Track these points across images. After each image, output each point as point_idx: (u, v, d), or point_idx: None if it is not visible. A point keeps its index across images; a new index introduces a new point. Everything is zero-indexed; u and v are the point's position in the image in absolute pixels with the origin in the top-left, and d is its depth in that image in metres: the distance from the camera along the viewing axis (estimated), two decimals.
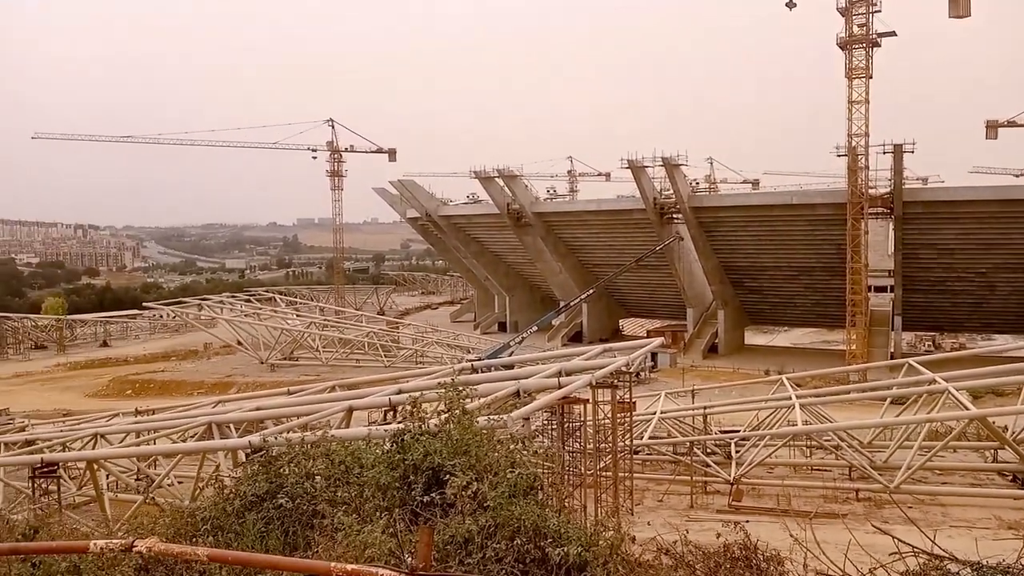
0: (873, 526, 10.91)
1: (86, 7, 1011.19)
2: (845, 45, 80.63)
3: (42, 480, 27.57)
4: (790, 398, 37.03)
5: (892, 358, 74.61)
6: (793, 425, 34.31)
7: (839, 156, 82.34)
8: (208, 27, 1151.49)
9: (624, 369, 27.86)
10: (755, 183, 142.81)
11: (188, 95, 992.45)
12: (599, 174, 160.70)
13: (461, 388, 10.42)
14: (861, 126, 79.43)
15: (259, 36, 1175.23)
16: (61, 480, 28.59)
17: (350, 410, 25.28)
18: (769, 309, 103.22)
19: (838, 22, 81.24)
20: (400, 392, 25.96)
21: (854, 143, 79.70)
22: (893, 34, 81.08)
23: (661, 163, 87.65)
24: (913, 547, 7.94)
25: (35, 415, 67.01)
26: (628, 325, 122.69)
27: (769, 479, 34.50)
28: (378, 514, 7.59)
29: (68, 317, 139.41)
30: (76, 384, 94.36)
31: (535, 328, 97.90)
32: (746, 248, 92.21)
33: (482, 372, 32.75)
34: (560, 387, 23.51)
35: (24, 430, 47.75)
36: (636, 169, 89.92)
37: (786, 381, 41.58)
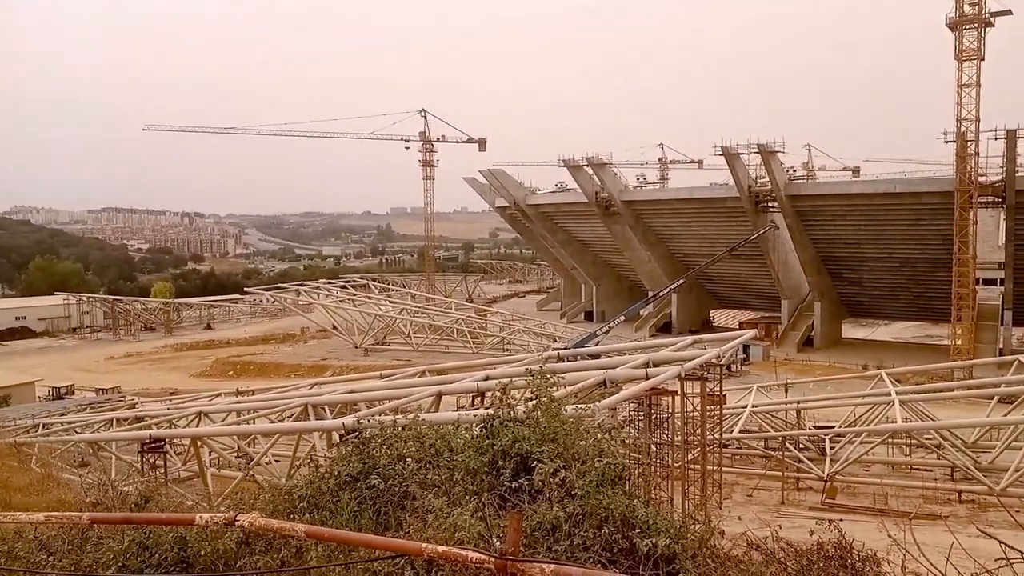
0: (978, 529, 10.43)
1: (198, 12, 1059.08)
2: (955, 26, 76.65)
3: (150, 455, 29.17)
4: (889, 394, 35.83)
5: (1001, 354, 71.60)
6: (892, 422, 33.19)
7: (947, 142, 78.49)
8: (302, 28, 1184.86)
9: (714, 361, 27.40)
10: (855, 170, 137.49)
11: (290, 89, 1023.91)
12: (691, 161, 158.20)
13: (548, 376, 10.44)
14: (971, 110, 75.50)
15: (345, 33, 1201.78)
16: (167, 455, 30.17)
17: (439, 395, 25.69)
18: (869, 301, 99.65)
19: (948, 1, 77.43)
20: (488, 379, 26.23)
21: (963, 128, 75.87)
22: (1008, 13, 76.68)
23: (756, 150, 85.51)
24: (1022, 552, 7.56)
25: (144, 393, 70.93)
26: (719, 316, 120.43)
27: (865, 477, 33.53)
28: (467, 497, 7.70)
29: (175, 301, 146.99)
30: (182, 364, 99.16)
31: (622, 318, 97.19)
32: (846, 238, 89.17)
33: (568, 361, 32.71)
34: (648, 378, 23.27)
35: (134, 407, 50.58)
36: (730, 156, 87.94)
37: (885, 376, 40.23)
